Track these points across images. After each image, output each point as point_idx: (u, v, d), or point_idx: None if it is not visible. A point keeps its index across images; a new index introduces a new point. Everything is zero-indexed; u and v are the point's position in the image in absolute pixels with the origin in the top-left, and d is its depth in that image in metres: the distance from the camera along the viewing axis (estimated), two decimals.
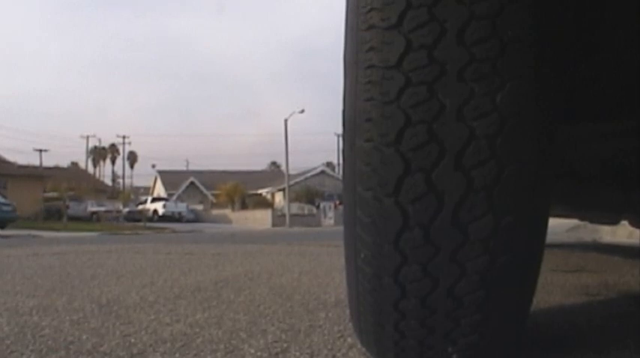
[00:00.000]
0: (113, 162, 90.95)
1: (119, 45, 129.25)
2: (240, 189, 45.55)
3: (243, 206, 44.41)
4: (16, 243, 9.39)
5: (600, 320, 1.89)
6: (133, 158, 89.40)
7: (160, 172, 56.91)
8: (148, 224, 30.44)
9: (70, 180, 37.07)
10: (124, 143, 77.53)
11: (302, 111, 36.54)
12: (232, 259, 4.59)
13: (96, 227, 25.72)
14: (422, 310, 1.03)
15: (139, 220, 32.98)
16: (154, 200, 42.85)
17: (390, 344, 1.11)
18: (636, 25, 1.27)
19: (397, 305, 1.04)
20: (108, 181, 79.57)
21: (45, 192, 33.68)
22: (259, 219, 36.27)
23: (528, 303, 1.14)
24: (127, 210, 36.65)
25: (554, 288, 2.50)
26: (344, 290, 2.48)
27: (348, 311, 1.91)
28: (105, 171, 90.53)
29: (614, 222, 4.14)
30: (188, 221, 37.52)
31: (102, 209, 34.87)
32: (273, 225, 34.30)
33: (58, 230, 22.60)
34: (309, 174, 46.04)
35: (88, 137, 74.21)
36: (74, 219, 30.14)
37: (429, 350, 1.09)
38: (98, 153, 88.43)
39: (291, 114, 36.86)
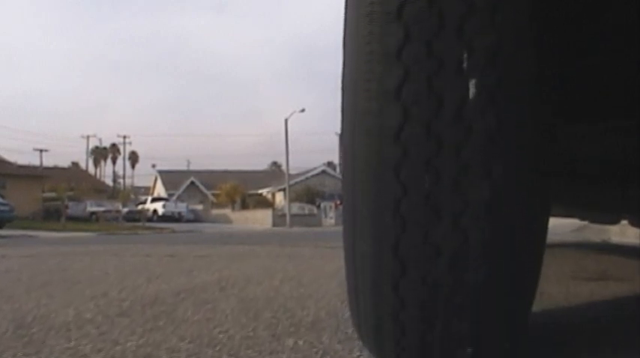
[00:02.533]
0: (114, 162, 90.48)
1: (121, 44, 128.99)
2: (240, 188, 45.07)
3: (244, 206, 43.96)
4: (5, 243, 9.01)
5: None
6: (134, 158, 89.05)
7: (160, 172, 56.36)
8: (148, 224, 29.87)
9: (69, 181, 36.74)
10: (124, 143, 77.22)
11: (302, 111, 36.06)
12: (214, 262, 4.17)
13: (94, 227, 25.20)
14: (424, 246, 0.94)
15: (138, 220, 32.53)
16: (153, 200, 42.11)
17: (389, 298, 0.98)
18: (636, 24, 1.23)
19: (398, 244, 0.95)
20: (109, 181, 79.59)
21: (44, 192, 33.28)
22: (260, 219, 35.81)
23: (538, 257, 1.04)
24: (126, 210, 36.09)
25: (581, 302, 2.07)
26: (327, 304, 2.06)
27: (324, 337, 1.49)
28: (106, 171, 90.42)
29: (613, 221, 4.15)
30: (188, 221, 37.00)
31: (101, 209, 34.39)
32: (274, 224, 33.86)
33: (56, 230, 22.12)
34: (309, 174, 45.56)
35: (88, 137, 73.62)
36: (73, 219, 29.72)
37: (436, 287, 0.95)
38: (99, 153, 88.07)
39: (291, 114, 36.42)
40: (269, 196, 46.74)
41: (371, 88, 0.95)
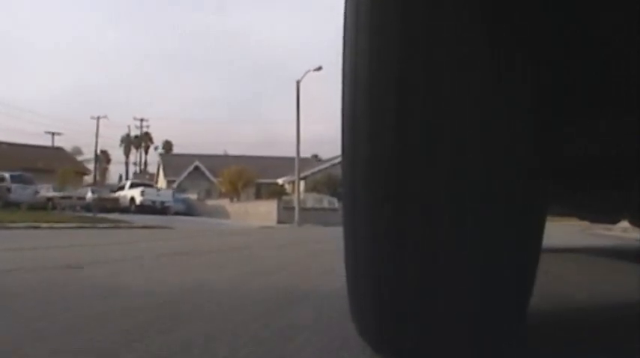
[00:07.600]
0: (146, 151, 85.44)
1: (168, 37, 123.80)
2: (246, 175, 36.81)
3: (258, 196, 35.89)
4: None
5: None
6: (168, 147, 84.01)
7: (162, 156, 49.03)
8: (103, 215, 22.07)
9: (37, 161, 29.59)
10: (141, 126, 70.77)
11: (319, 69, 27.34)
12: None
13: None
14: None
15: (111, 210, 25.19)
16: (132, 185, 33.19)
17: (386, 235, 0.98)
18: (635, 19, 1.18)
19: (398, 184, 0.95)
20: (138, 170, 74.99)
21: None
22: (263, 213, 27.52)
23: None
24: (94, 196, 28.75)
25: None
26: None
27: None
28: (139, 159, 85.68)
29: (613, 221, 4.26)
30: (177, 213, 29.10)
31: (58, 195, 27.21)
32: (280, 221, 25.62)
33: None
34: (336, 161, 36.80)
35: (98, 118, 65.88)
36: (17, 206, 22.73)
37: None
38: (130, 142, 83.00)
39: (305, 74, 27.85)
40: (287, 185, 38.58)
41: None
